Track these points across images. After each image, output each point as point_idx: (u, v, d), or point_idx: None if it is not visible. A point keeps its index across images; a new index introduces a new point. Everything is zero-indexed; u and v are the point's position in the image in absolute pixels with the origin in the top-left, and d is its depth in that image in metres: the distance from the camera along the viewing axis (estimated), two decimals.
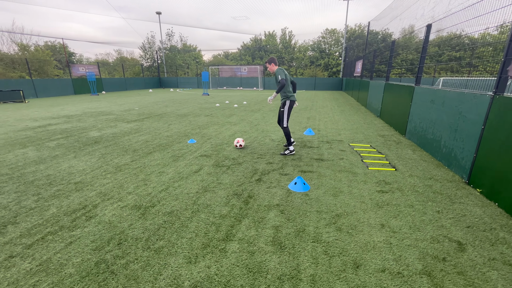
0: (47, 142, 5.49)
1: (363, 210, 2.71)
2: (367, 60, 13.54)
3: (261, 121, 7.83)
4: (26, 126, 7.24)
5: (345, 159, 4.35)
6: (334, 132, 6.33)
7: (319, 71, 31.25)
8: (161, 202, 2.88)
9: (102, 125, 7.32)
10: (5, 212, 2.68)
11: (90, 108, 11.18)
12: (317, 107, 11.24)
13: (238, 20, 38.37)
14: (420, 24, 19.92)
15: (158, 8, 29.55)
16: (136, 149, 4.92)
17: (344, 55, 25.62)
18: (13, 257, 2.01)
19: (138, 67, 33.16)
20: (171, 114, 9.27)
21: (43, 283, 1.76)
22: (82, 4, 46.24)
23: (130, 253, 2.04)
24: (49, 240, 2.21)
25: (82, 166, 4.01)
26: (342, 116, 8.86)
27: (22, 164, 4.11)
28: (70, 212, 2.67)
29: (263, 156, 4.50)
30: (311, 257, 2.00)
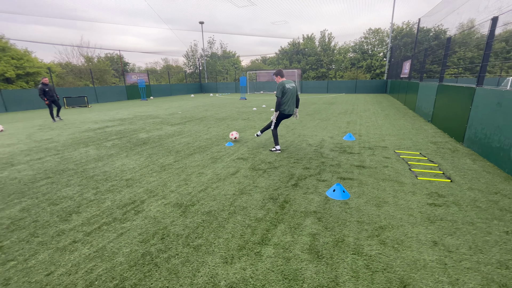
0: (104, 142, 6.17)
1: (411, 224, 2.46)
2: (417, 60, 12.43)
3: (298, 125, 7.72)
4: (88, 127, 8.26)
5: (390, 167, 4.03)
6: (377, 138, 5.92)
7: (360, 73, 29.71)
8: (200, 201, 3.01)
9: (149, 127, 7.98)
10: (71, 202, 3.07)
11: (140, 112, 12.29)
12: (358, 111, 10.67)
13: (276, 25, 38.65)
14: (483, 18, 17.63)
15: (201, 18, 31.39)
16: (178, 151, 5.24)
17: (390, 55, 23.95)
18: (76, 242, 2.29)
19: (182, 74, 35.52)
20: (211, 118, 9.69)
21: (98, 268, 1.96)
22: (136, 19, 51.49)
23: (172, 248, 2.17)
24: (104, 230, 2.47)
25: (132, 165, 4.41)
26: (386, 120, 8.26)
27: (84, 161, 4.69)
28: (122, 206, 2.95)
29: (300, 160, 4.42)
30: (351, 270, 1.89)
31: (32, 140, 6.55)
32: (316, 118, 9.02)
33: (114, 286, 1.78)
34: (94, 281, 1.83)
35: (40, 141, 6.40)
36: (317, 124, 7.93)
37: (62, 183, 3.66)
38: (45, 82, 9.42)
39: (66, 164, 4.55)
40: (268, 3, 37.23)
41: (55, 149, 5.58)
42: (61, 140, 6.45)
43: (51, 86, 9.68)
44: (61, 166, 4.45)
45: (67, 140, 6.49)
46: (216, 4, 43.72)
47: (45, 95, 9.37)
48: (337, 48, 33.33)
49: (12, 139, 6.75)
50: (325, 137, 6.16)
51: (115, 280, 1.84)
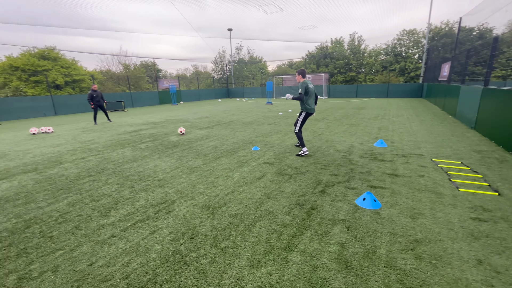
0: (139, 144, 6.59)
1: (452, 239, 2.27)
2: (457, 61, 11.53)
3: (325, 131, 7.55)
4: (125, 130, 8.88)
5: (426, 176, 3.77)
6: (411, 145, 5.58)
7: (393, 76, 28.26)
8: (227, 204, 3.07)
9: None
10: (110, 199, 3.32)
11: (171, 116, 12.92)
12: (390, 116, 10.14)
13: (304, 30, 38.39)
14: None
15: (230, 25, 32.38)
16: (206, 154, 5.41)
17: (426, 57, 22.49)
18: (114, 236, 2.47)
19: (210, 80, 36.74)
20: (237, 122, 9.87)
21: (133, 262, 2.09)
22: (169, 28, 54.62)
23: (200, 248, 2.24)
24: (139, 227, 2.62)
25: (164, 166, 4.65)
26: (422, 126, 7.74)
27: (121, 161, 5.04)
28: (154, 205, 3.12)
29: (327, 167, 4.31)
30: (383, 284, 1.79)
31: (77, 141, 7.20)
32: (344, 123, 8.75)
33: (148, 281, 1.88)
34: (130, 274, 1.95)
35: (84, 142, 7.02)
36: (346, 129, 7.69)
37: (102, 181, 3.97)
38: (94, 88, 10.67)
39: (106, 164, 4.93)
40: (297, 8, 37.24)
41: (96, 150, 6.08)
42: (101, 142, 7.01)
43: (99, 93, 10.84)
44: (101, 165, 4.83)
45: (106, 141, 7.04)
46: (245, 12, 44.77)
47: (92, 100, 10.56)
48: (368, 50, 32.12)
49: (60, 140, 7.49)
50: (354, 143, 5.94)
51: (149, 275, 1.94)
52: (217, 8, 36.70)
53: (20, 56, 20.79)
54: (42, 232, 2.59)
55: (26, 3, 20.63)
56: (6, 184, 4.00)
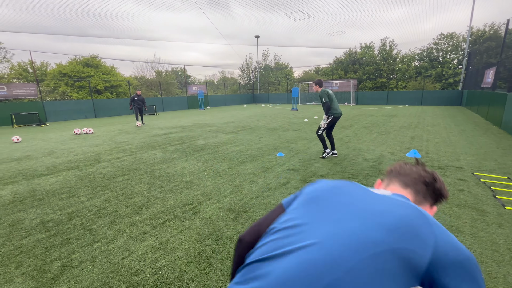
0: (168, 146, 6.92)
1: (497, 262, 2.07)
2: (504, 67, 10.55)
3: (352, 138, 7.31)
4: (156, 133, 9.38)
5: (466, 191, 3.47)
6: (449, 157, 5.18)
7: (428, 82, 26.59)
8: (251, 208, 3.10)
9: (206, 135, 8.63)
10: (141, 197, 3.52)
11: (198, 120, 13.40)
12: (425, 125, 9.52)
13: (333, 35, 37.84)
14: None
15: (257, 32, 32.98)
16: (232, 158, 5.52)
17: (467, 62, 20.88)
18: (145, 233, 2.61)
19: (236, 85, 37.55)
20: (262, 128, 9.94)
21: (162, 259, 2.19)
22: (199, 36, 57.12)
23: (225, 251, 2.28)
24: (167, 226, 2.75)
25: (191, 168, 4.82)
26: (461, 137, 7.16)
27: (152, 162, 5.33)
28: (182, 205, 3.24)
29: (355, 176, 4.16)
30: None
31: (113, 142, 7.76)
32: (373, 132, 8.39)
33: (175, 278, 1.96)
34: (159, 271, 2.04)
35: (119, 143, 7.54)
36: (375, 138, 7.37)
37: (135, 180, 4.23)
38: (138, 93, 11.91)
39: (138, 164, 5.24)
40: (326, 14, 36.88)
41: (130, 151, 6.49)
42: (135, 143, 7.48)
43: (142, 98, 12.01)
44: (134, 165, 5.14)
45: (139, 143, 7.49)
46: (273, 19, 45.36)
47: (132, 102, 11.78)
48: (400, 56, 30.67)
49: (99, 140, 8.12)
50: (384, 152, 5.68)
51: (176, 272, 2.02)
52: (245, 16, 37.66)
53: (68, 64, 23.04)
54: (83, 225, 2.82)
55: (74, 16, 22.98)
56: (53, 179, 4.43)
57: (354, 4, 30.02)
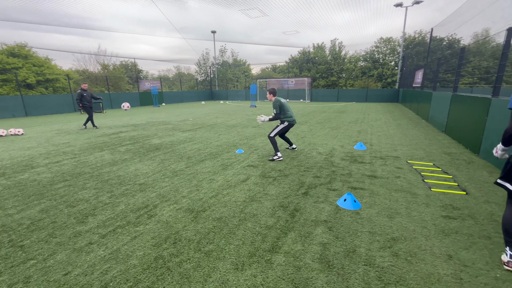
0: (119, 147, 6.36)
1: (425, 236, 2.42)
2: (429, 69, 12.28)
3: (307, 134, 7.72)
4: (103, 133, 8.54)
5: (402, 177, 3.97)
6: (389, 148, 5.85)
7: (371, 82, 29.50)
8: (211, 207, 3.05)
9: (162, 133, 8.17)
10: (87, 204, 3.18)
11: (153, 118, 12.60)
12: (369, 120, 10.56)
13: (287, 35, 39.17)
14: (499, 28, 17.30)
15: (213, 27, 32.18)
16: (190, 157, 5.34)
17: (401, 64, 23.72)
18: (92, 244, 2.36)
19: (193, 81, 36.31)
20: (221, 125, 9.83)
21: (113, 269, 2.02)
22: (150, 28, 53.35)
23: (184, 253, 2.21)
24: (119, 233, 2.54)
25: (145, 170, 4.52)
26: (398, 130, 8.14)
27: (100, 165, 4.84)
28: (135, 209, 3.03)
29: (310, 169, 4.41)
30: (362, 281, 1.86)
31: (51, 144, 6.82)
32: (326, 127, 8.99)
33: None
34: (109, 283, 1.88)
35: (58, 145, 6.66)
36: (327, 132, 7.91)
37: (79, 186, 3.80)
38: (84, 87, 9.61)
39: (83, 167, 4.71)
40: (280, 14, 37.84)
41: (72, 153, 5.79)
42: (78, 144, 6.69)
43: (90, 93, 9.75)
44: (78, 169, 4.61)
45: (83, 144, 6.73)
46: (229, 15, 44.81)
47: (81, 100, 9.52)
48: (348, 56, 33.33)
49: (31, 143, 7.05)
50: (335, 146, 6.13)
51: (129, 282, 1.88)
52: (200, 10, 36.34)
53: None
54: (12, 242, 2.43)
55: None
56: None
57: (306, 5, 31.48)
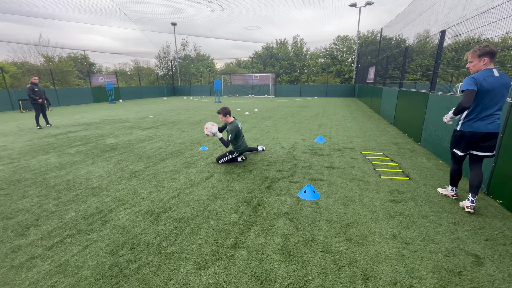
0: (67, 148, 5.77)
1: (375, 220, 2.66)
2: (380, 66, 13.37)
3: (271, 129, 7.88)
4: (48, 133, 7.64)
5: (356, 167, 4.29)
6: (345, 140, 6.26)
7: (331, 77, 31.09)
8: (172, 208, 2.95)
9: (118, 132, 7.61)
10: (28, 215, 2.84)
11: (108, 115, 11.65)
12: (329, 114, 11.16)
13: (250, 30, 39.10)
14: (435, 30, 19.50)
15: (173, 20, 30.57)
16: (150, 156, 5.07)
17: (357, 61, 25.42)
18: (34, 258, 2.12)
19: (154, 76, 34.33)
20: (184, 122, 9.50)
21: (61, 284, 1.84)
22: (102, 17, 48.68)
23: (142, 258, 2.11)
24: (67, 243, 2.32)
25: (99, 172, 4.18)
26: (354, 123, 8.75)
27: (44, 170, 4.34)
28: (87, 216, 2.79)
29: (273, 163, 4.52)
30: (319, 267, 1.99)
31: None
32: (289, 121, 9.27)
33: None
34: None
35: None
36: (290, 127, 8.16)
37: (18, 195, 3.36)
38: (35, 81, 8.47)
39: (23, 173, 4.18)
40: (242, 8, 37.51)
41: (9, 157, 5.09)
42: (17, 147, 5.90)
43: (41, 88, 8.65)
44: (17, 176, 4.07)
45: (23, 147, 5.95)
46: (189, 7, 43.01)
47: (35, 95, 8.37)
48: (309, 53, 34.60)
49: None
50: (297, 139, 6.36)
51: None
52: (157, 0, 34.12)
53: None
54: None
55: None
56: None
57: (268, 1, 31.68)
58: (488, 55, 2.51)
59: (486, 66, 2.56)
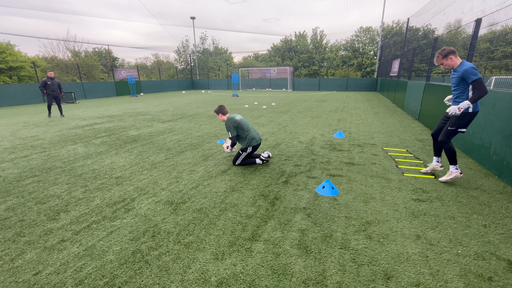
0: (93, 139, 6.06)
1: (397, 218, 2.56)
2: (406, 59, 12.69)
3: (289, 123, 7.78)
4: (76, 124, 8.07)
5: (377, 164, 4.14)
6: (366, 135, 6.05)
7: (351, 71, 30.05)
8: (191, 199, 3.02)
9: (140, 124, 7.87)
10: (59, 201, 3.03)
11: (130, 108, 12.08)
12: (349, 109, 10.83)
13: (268, 22, 38.52)
14: (469, 19, 18.12)
15: (192, 14, 30.88)
16: (169, 148, 5.21)
17: (380, 54, 24.31)
18: (65, 241, 2.27)
19: (173, 70, 35.03)
20: (202, 115, 9.64)
21: (88, 266, 1.96)
22: (124, 12, 50.12)
23: (163, 246, 2.18)
24: (94, 228, 2.45)
25: (122, 162, 4.36)
26: (375, 118, 8.42)
27: (72, 159, 4.60)
28: (112, 204, 2.93)
29: (291, 158, 4.47)
30: (338, 264, 1.95)
31: (17, 137, 6.35)
32: (307, 116, 9.11)
33: (104, 284, 1.78)
34: (84, 280, 1.82)
35: (25, 139, 6.22)
36: (309, 121, 8.02)
37: (49, 182, 3.59)
38: (50, 76, 9.49)
39: (53, 162, 4.45)
40: (260, 0, 36.99)
41: (41, 147, 5.44)
42: (48, 138, 6.29)
43: (56, 82, 9.61)
44: (48, 164, 4.35)
45: (53, 137, 6.34)
46: (209, 0, 43.10)
47: (45, 87, 9.37)
48: (329, 46, 33.56)
49: None
50: (316, 134, 6.24)
51: (105, 278, 1.84)
52: None
53: None
54: None
55: None
56: None
57: None
58: (451, 53, 3.05)
59: (458, 61, 3.07)
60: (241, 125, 4.02)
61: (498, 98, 3.71)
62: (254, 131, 4.12)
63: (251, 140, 4.02)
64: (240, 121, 4.03)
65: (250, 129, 4.09)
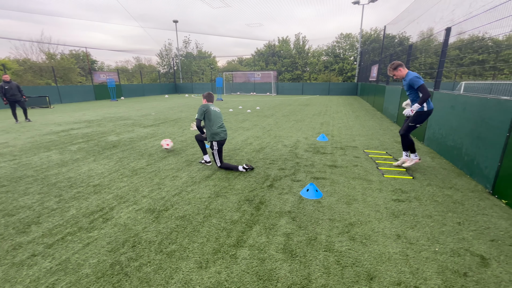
0: (69, 146, 5.76)
1: (378, 219, 2.63)
2: (383, 64, 13.25)
3: (274, 127, 7.84)
4: (50, 130, 7.65)
5: (359, 166, 4.25)
6: (348, 138, 6.21)
7: (333, 76, 30.93)
8: (174, 206, 2.93)
9: (120, 129, 7.60)
10: (30, 212, 2.83)
11: (110, 113, 11.65)
12: (331, 113, 11.10)
13: (252, 27, 38.93)
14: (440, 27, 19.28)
15: (175, 17, 30.51)
16: (151, 154, 5.06)
17: (359, 59, 25.24)
18: (35, 255, 2.11)
19: (155, 74, 34.30)
20: (186, 119, 9.48)
21: (61, 282, 1.83)
22: (104, 14, 48.61)
23: (144, 256, 2.09)
24: (69, 241, 2.31)
25: (100, 170, 4.17)
26: (356, 121, 8.69)
27: (46, 167, 4.34)
28: (88, 213, 2.78)
29: (275, 162, 4.49)
30: (322, 267, 1.96)
31: None
32: (291, 119, 9.22)
33: None
34: None
35: None
36: (293, 125, 8.12)
37: (19, 192, 3.36)
38: (6, 79, 8.69)
39: (24, 170, 4.18)
40: (243, 5, 37.36)
41: (11, 154, 5.10)
42: (18, 144, 5.91)
43: (14, 85, 8.85)
44: (18, 173, 4.07)
45: (25, 144, 5.96)
46: (191, 4, 42.83)
47: (4, 94, 8.64)
48: (311, 51, 34.41)
49: None
50: (300, 138, 6.32)
51: None
52: None
53: None
54: None
55: None
56: None
57: None
58: (400, 66, 3.74)
59: (405, 71, 3.74)
60: (209, 114, 3.92)
61: (468, 102, 3.95)
62: (221, 128, 4.01)
63: (214, 135, 3.94)
64: (210, 110, 3.94)
65: (217, 124, 3.97)
